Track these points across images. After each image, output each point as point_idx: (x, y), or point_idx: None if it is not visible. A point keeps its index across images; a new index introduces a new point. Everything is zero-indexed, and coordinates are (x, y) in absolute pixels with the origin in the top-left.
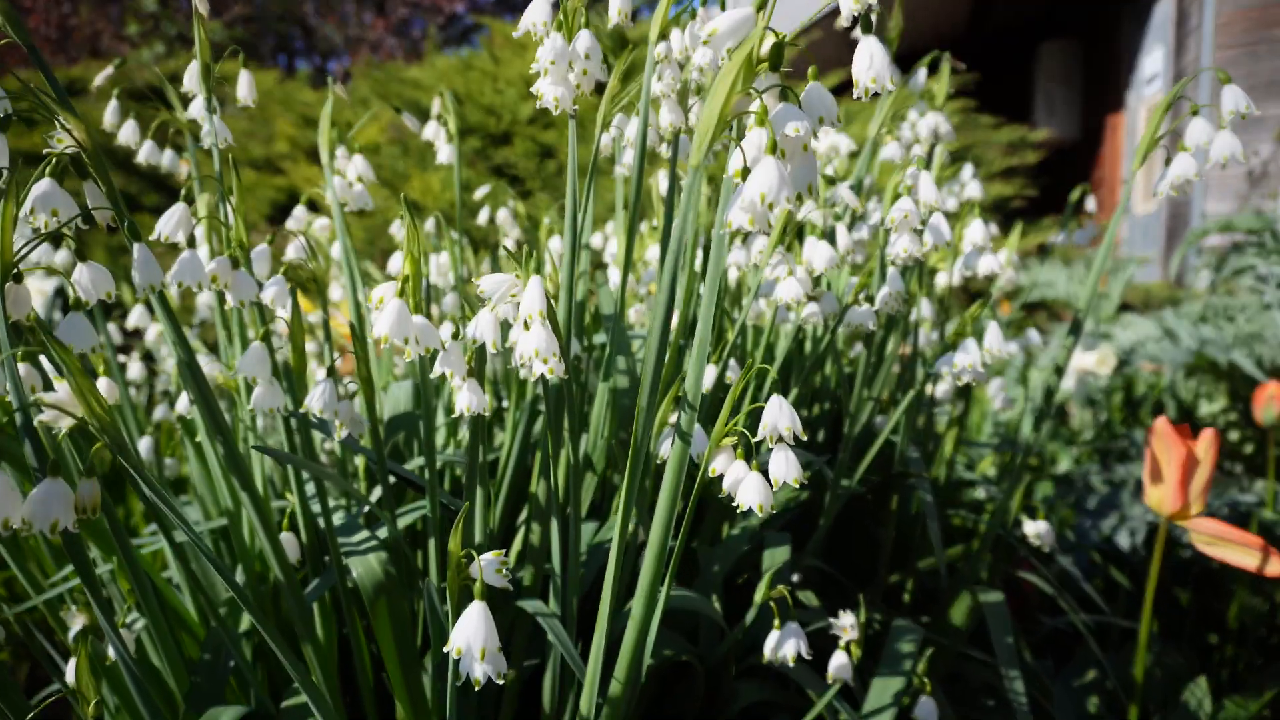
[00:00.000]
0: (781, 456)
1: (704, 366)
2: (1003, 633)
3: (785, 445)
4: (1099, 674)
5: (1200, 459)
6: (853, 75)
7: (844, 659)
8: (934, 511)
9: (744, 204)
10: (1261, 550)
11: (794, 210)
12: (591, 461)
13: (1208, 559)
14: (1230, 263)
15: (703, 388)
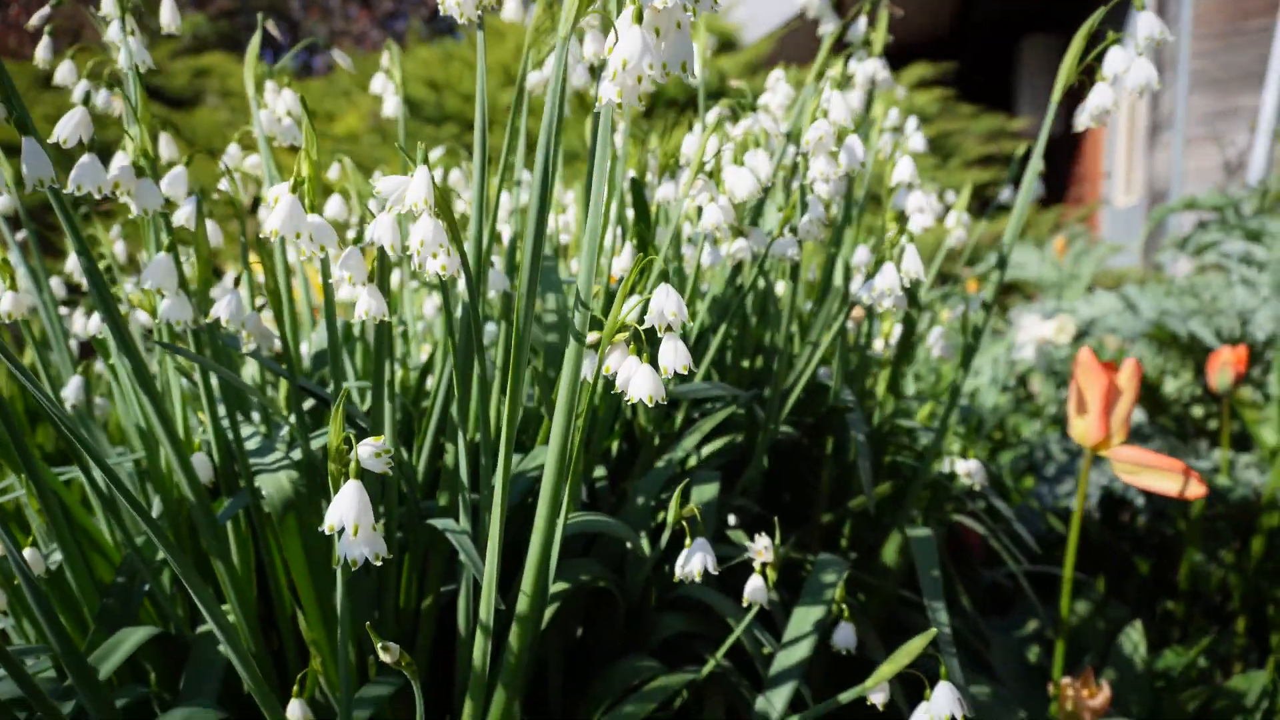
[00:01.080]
0: (670, 345)
1: (595, 261)
2: (929, 566)
3: (674, 334)
4: (1039, 625)
5: (1122, 389)
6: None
7: (759, 582)
8: (866, 451)
9: (609, 75)
10: (1182, 474)
11: (660, 80)
12: None
13: (1165, 530)
14: (1194, 239)
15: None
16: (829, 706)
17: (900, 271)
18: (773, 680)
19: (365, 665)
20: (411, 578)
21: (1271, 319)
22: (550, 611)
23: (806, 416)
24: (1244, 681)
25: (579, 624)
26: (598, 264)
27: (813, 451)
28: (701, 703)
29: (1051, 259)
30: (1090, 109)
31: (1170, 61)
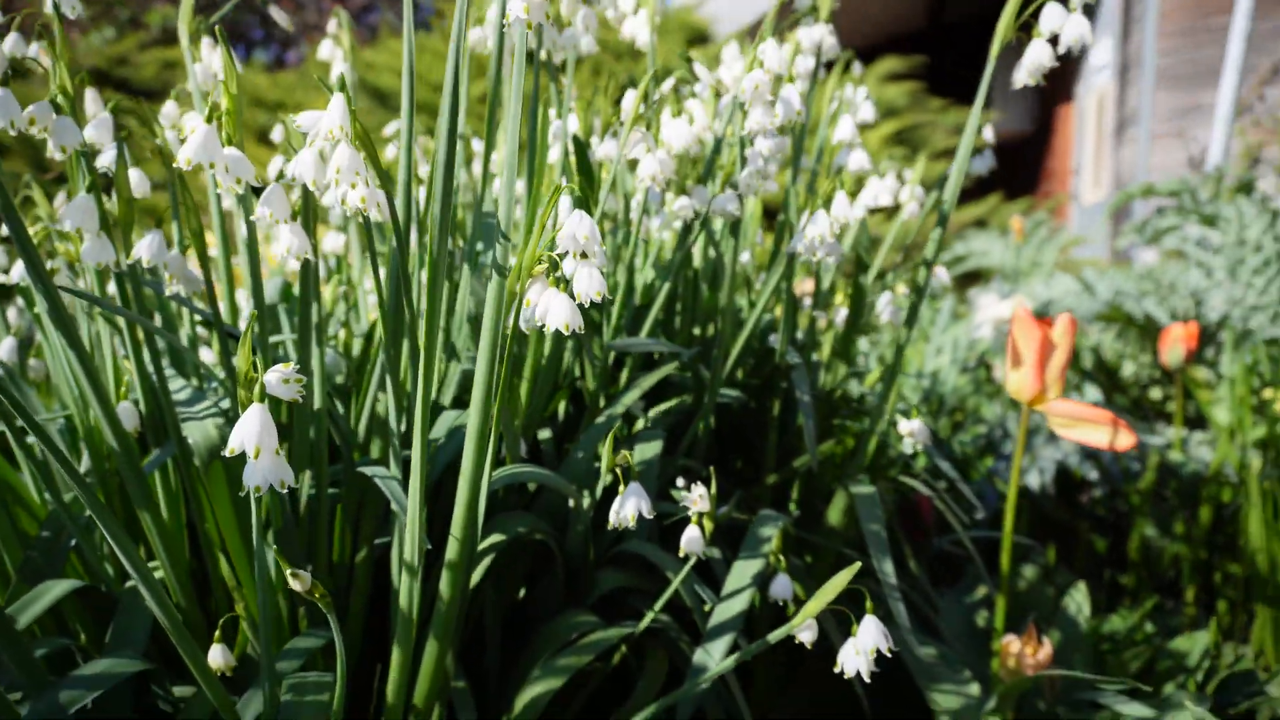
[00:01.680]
0: (585, 272)
1: (513, 189)
2: (872, 521)
3: (589, 262)
4: (988, 591)
5: (1057, 344)
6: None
7: (695, 533)
8: (810, 410)
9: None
10: (1111, 424)
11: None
12: (455, 350)
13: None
14: (1151, 224)
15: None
16: (759, 647)
17: (830, 217)
18: (711, 632)
19: (297, 619)
20: (345, 530)
21: (1224, 300)
22: (485, 564)
23: (754, 379)
24: (1187, 642)
25: (520, 585)
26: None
27: (761, 415)
28: (643, 658)
29: (1014, 247)
30: (1027, 66)
31: (1136, 59)
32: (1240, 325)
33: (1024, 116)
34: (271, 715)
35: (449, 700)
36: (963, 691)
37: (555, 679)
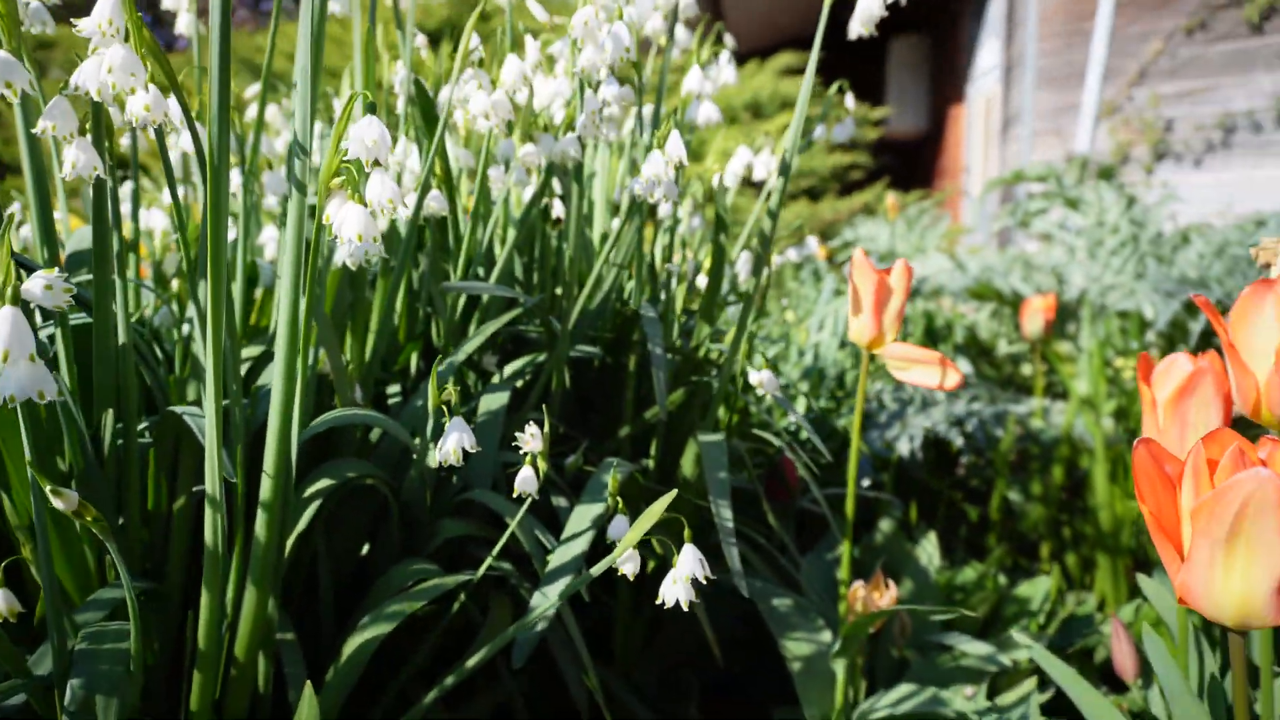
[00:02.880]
0: (377, 179)
1: (310, 101)
2: (716, 468)
3: (381, 169)
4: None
5: (894, 288)
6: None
7: (529, 473)
8: (661, 362)
9: None
10: (940, 364)
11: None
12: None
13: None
14: (1022, 208)
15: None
16: (584, 580)
17: (665, 155)
18: (550, 575)
19: (104, 569)
20: (160, 477)
21: (1084, 277)
22: (312, 510)
23: (607, 333)
24: (1030, 588)
25: (361, 538)
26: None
27: (619, 372)
28: (487, 605)
29: (901, 232)
30: (859, 16)
31: (1019, 60)
32: (1098, 301)
33: (919, 116)
34: (64, 668)
35: (276, 653)
36: (815, 639)
37: (384, 625)
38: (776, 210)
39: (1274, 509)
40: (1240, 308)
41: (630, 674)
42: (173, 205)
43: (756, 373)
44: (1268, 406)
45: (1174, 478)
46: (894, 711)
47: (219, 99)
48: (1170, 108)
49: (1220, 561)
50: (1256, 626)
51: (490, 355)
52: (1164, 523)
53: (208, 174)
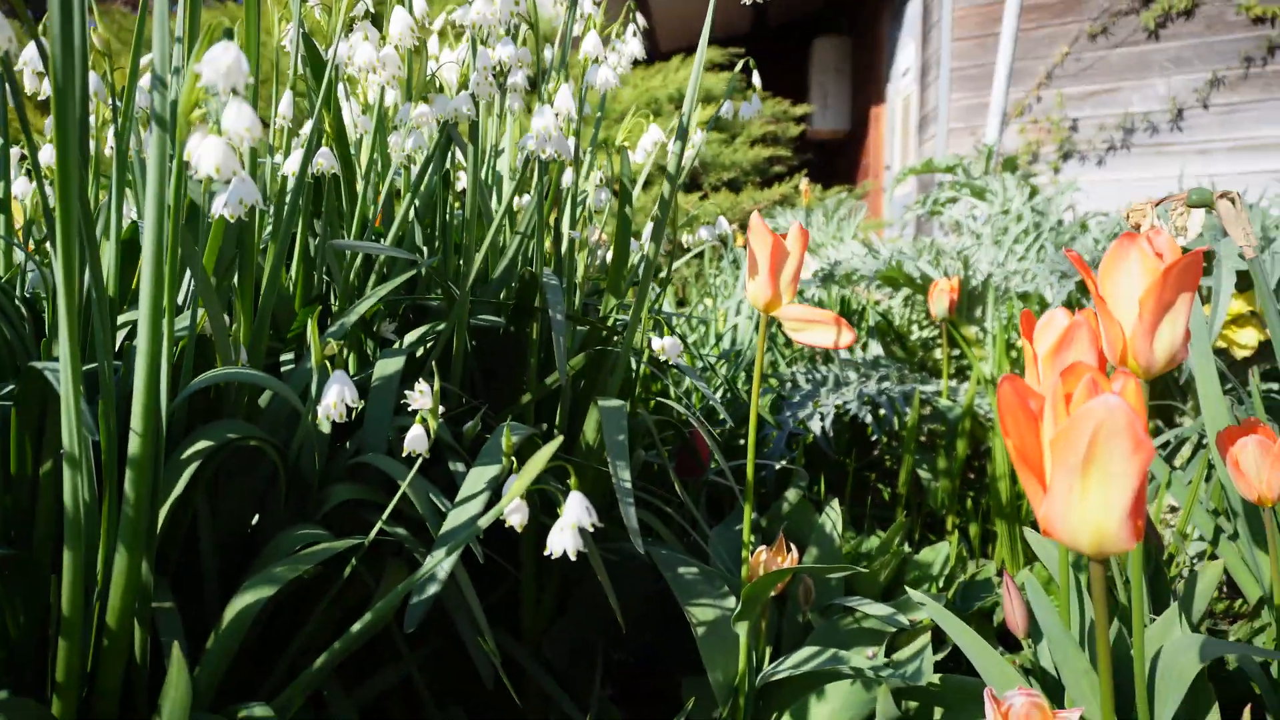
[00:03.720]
0: (234, 108)
1: (166, 26)
2: (616, 432)
3: (240, 99)
4: (756, 518)
5: (790, 250)
6: None
7: (419, 431)
8: (561, 327)
9: None
10: (835, 324)
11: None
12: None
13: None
14: (932, 197)
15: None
16: (474, 533)
17: (554, 109)
18: (443, 538)
19: None
20: (24, 439)
21: (989, 262)
22: (190, 472)
23: (510, 300)
24: (931, 554)
25: (250, 504)
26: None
27: (521, 340)
28: (382, 570)
29: (818, 224)
30: None
31: (934, 62)
32: (1002, 285)
33: (842, 116)
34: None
35: (153, 622)
36: (720, 605)
37: (267, 588)
38: (675, 175)
39: (1124, 434)
40: (1108, 261)
41: (540, 648)
42: (30, 158)
43: (659, 339)
44: (1133, 355)
45: (1037, 413)
46: (795, 672)
47: (60, 18)
48: (1075, 109)
49: (1077, 489)
50: (1112, 553)
51: (389, 323)
52: (1028, 457)
53: (53, 109)
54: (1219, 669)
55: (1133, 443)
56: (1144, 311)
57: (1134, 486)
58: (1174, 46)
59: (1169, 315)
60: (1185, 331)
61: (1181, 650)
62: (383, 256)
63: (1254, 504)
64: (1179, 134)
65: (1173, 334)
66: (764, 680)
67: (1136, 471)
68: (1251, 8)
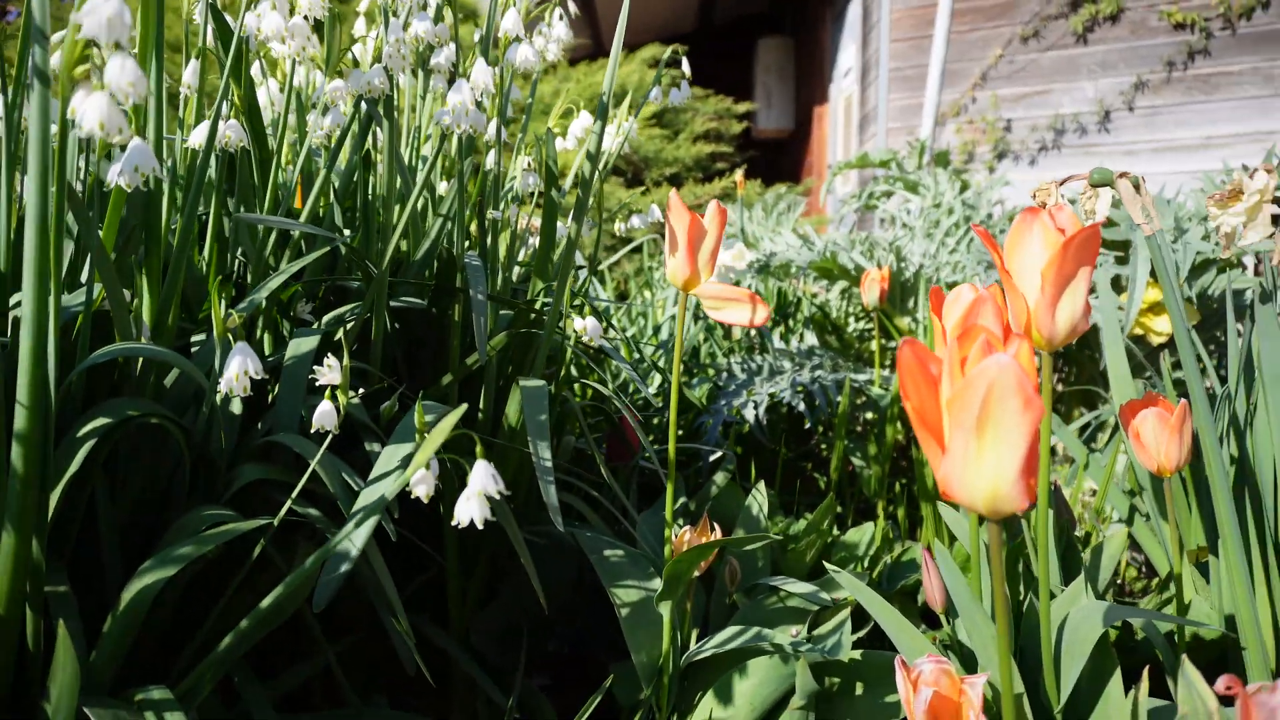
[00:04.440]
0: (117, 63)
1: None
2: (537, 412)
3: (124, 52)
4: (685, 502)
5: (707, 229)
6: None
7: (328, 407)
8: (483, 308)
9: None
10: (751, 302)
11: None
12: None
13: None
14: (867, 191)
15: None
16: (381, 508)
17: (471, 84)
18: (354, 516)
19: None
20: None
21: (920, 254)
22: (86, 450)
23: (436, 282)
24: (857, 534)
25: (156, 484)
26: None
27: (443, 321)
28: (294, 551)
29: (758, 219)
30: None
31: (874, 63)
32: (934, 276)
33: (786, 116)
34: None
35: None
36: (645, 587)
37: (168, 569)
38: (596, 153)
39: (1015, 392)
40: (1012, 236)
41: (468, 636)
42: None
43: (581, 319)
44: (1036, 327)
45: (938, 378)
46: (719, 651)
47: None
48: (1009, 110)
49: (973, 449)
50: (1007, 512)
51: (306, 304)
52: (928, 421)
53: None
54: (1128, 639)
55: (1023, 401)
56: (1045, 284)
57: (1026, 445)
58: (1101, 50)
59: (1069, 288)
60: (1085, 304)
61: (1085, 617)
62: (297, 234)
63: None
64: (1106, 135)
65: (1073, 306)
66: (688, 660)
67: (1028, 430)
68: (1173, 14)
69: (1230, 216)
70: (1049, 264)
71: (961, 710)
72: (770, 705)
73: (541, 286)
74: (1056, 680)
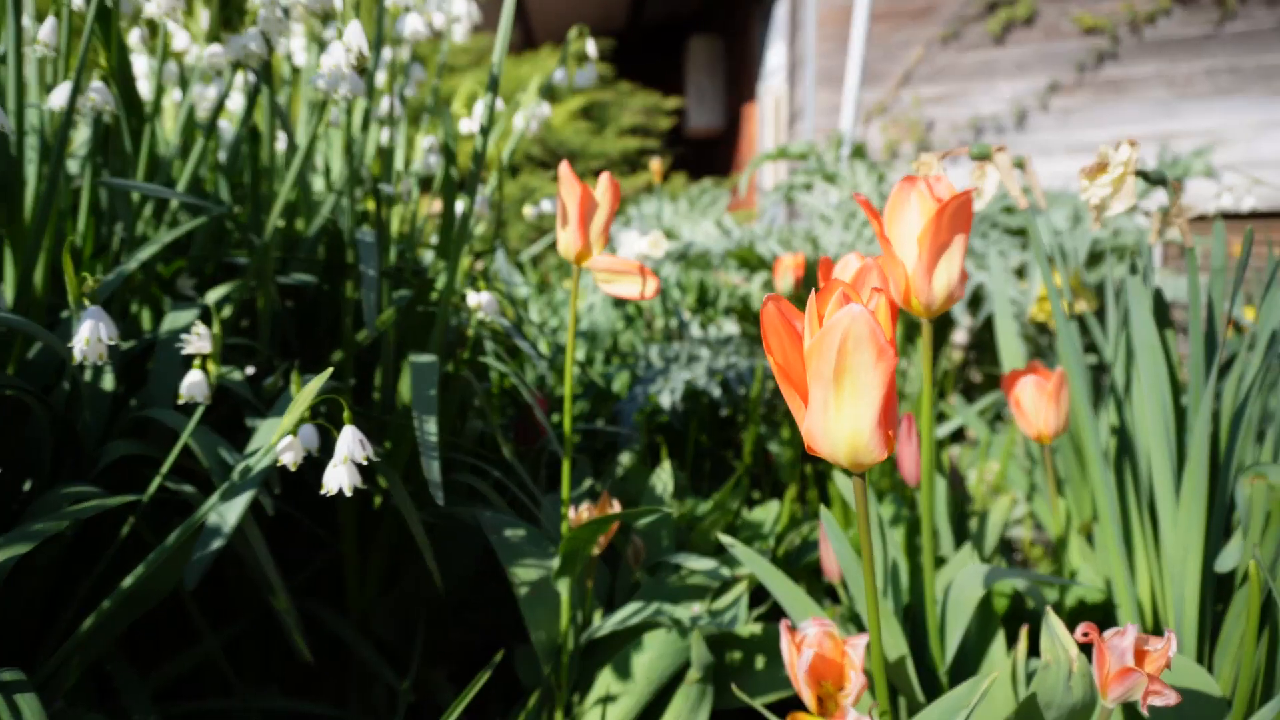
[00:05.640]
0: None
1: None
2: (425, 387)
3: None
4: (593, 484)
5: (599, 201)
6: None
7: (197, 376)
8: (373, 283)
9: None
10: (640, 274)
11: None
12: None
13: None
14: (786, 183)
15: None
16: (256, 479)
17: (345, 46)
18: (228, 491)
19: None
20: None
21: (836, 243)
22: None
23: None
24: (762, 513)
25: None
26: None
27: (335, 298)
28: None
29: (683, 211)
30: None
31: (801, 61)
32: None
33: (717, 114)
34: None
35: None
36: (545, 565)
37: (22, 545)
38: (487, 126)
39: (869, 342)
40: (891, 204)
41: (368, 623)
42: None
43: (475, 294)
44: (915, 294)
45: (802, 334)
46: (619, 627)
47: None
48: (931, 109)
49: (832, 401)
50: (868, 464)
51: (188, 279)
52: (792, 376)
53: None
54: (1020, 608)
55: (876, 350)
56: (922, 251)
57: (882, 395)
58: (1017, 53)
59: (945, 254)
60: (961, 271)
61: (968, 579)
62: (175, 205)
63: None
64: (1023, 135)
65: (949, 272)
66: (589, 638)
67: (882, 380)
68: (1083, 19)
69: (1098, 188)
70: (924, 231)
71: (844, 671)
72: (668, 678)
73: (443, 265)
74: (942, 643)
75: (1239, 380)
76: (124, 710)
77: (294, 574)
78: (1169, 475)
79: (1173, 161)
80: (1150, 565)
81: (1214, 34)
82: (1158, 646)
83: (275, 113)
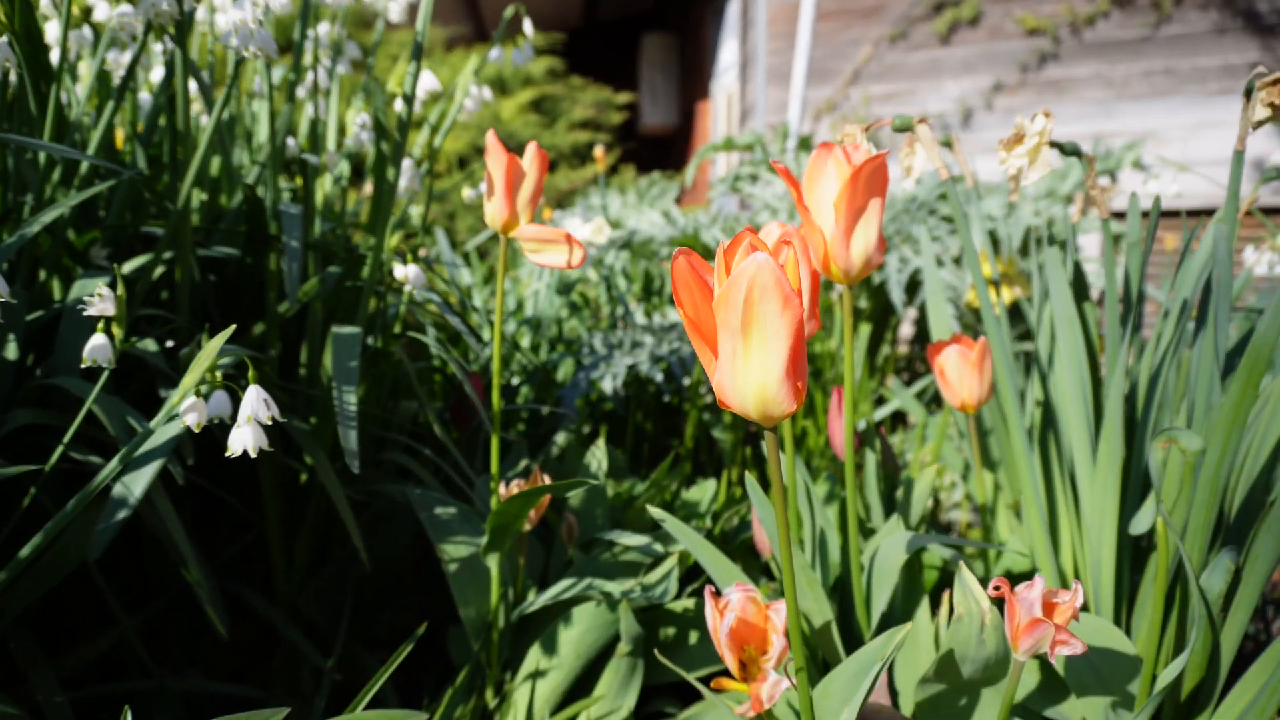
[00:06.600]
0: None
1: None
2: (347, 359)
3: None
4: (528, 463)
5: (526, 172)
6: None
7: (101, 340)
8: (296, 254)
9: None
10: (568, 243)
11: None
12: None
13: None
14: (732, 174)
15: None
16: (166, 447)
17: (257, 4)
18: (136, 460)
19: None
20: None
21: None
22: None
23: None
24: (698, 491)
25: None
26: None
27: (259, 272)
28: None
29: (631, 203)
30: None
31: (752, 58)
32: None
33: (671, 111)
34: None
35: None
36: (475, 543)
37: None
38: (411, 95)
39: (774, 291)
40: (809, 170)
41: (296, 605)
42: None
43: (402, 267)
44: (833, 260)
45: (712, 287)
46: (550, 602)
47: None
48: (880, 107)
49: (740, 352)
50: (779, 416)
51: (101, 249)
52: (703, 330)
53: None
54: (949, 577)
55: (782, 299)
56: (839, 215)
57: (789, 345)
58: (962, 53)
59: (862, 219)
60: (879, 237)
61: (892, 546)
62: (86, 168)
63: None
64: (969, 133)
65: (866, 238)
66: (520, 614)
67: (789, 329)
68: (1026, 20)
69: (1015, 158)
70: (840, 195)
71: (767, 635)
72: (597, 652)
73: (373, 241)
74: (868, 609)
75: (1154, 347)
76: (29, 695)
77: (219, 554)
78: (1087, 442)
79: (1105, 154)
80: (1072, 532)
81: (1150, 36)
82: (1065, 599)
83: (192, 75)
